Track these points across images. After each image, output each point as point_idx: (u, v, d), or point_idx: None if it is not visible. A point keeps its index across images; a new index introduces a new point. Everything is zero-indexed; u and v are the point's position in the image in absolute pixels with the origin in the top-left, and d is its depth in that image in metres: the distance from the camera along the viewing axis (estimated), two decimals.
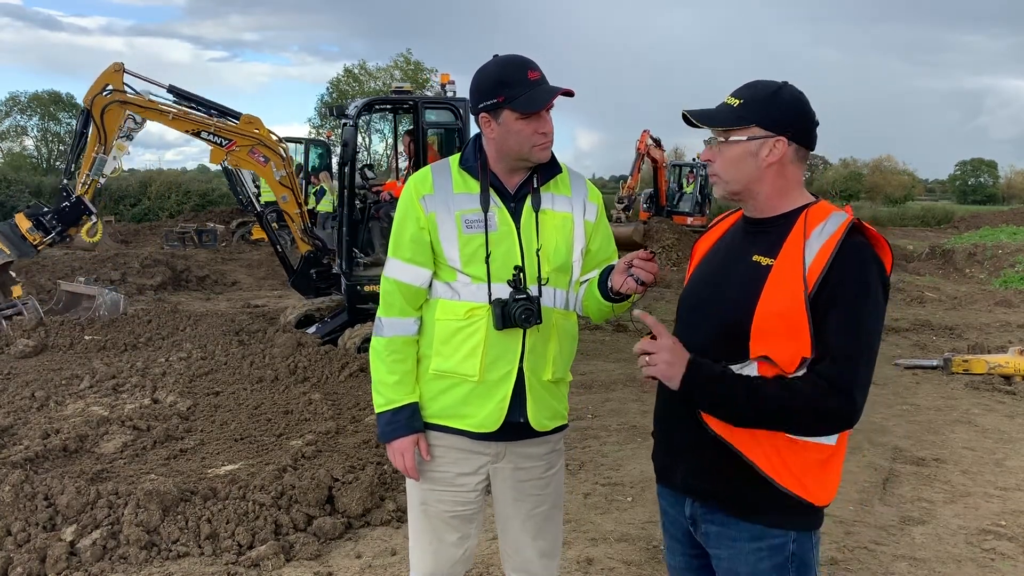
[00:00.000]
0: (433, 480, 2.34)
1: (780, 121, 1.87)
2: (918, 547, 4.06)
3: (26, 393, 6.37)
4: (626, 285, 2.14)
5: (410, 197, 2.28)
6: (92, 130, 7.79)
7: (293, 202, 8.74)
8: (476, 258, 2.23)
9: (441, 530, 2.36)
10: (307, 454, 4.93)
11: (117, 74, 7.87)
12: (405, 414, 2.29)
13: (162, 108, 8.06)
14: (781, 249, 1.84)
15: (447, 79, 8.63)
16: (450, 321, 2.25)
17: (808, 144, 1.91)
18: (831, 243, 1.78)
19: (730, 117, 1.89)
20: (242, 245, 18.17)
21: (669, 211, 22.30)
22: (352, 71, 40.71)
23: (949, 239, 20.37)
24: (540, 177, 2.31)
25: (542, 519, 2.41)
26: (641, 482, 4.85)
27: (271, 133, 8.53)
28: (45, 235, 7.78)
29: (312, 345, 7.34)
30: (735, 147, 1.89)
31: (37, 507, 3.96)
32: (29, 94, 41.73)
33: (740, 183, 1.91)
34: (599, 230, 2.40)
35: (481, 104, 2.22)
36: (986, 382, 7.35)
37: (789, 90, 1.91)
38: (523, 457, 2.35)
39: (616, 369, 7.86)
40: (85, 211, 7.87)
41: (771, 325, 1.80)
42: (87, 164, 7.84)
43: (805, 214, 1.87)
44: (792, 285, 1.79)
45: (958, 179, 63.88)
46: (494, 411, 2.24)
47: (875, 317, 1.79)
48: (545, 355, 2.28)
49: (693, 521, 2.00)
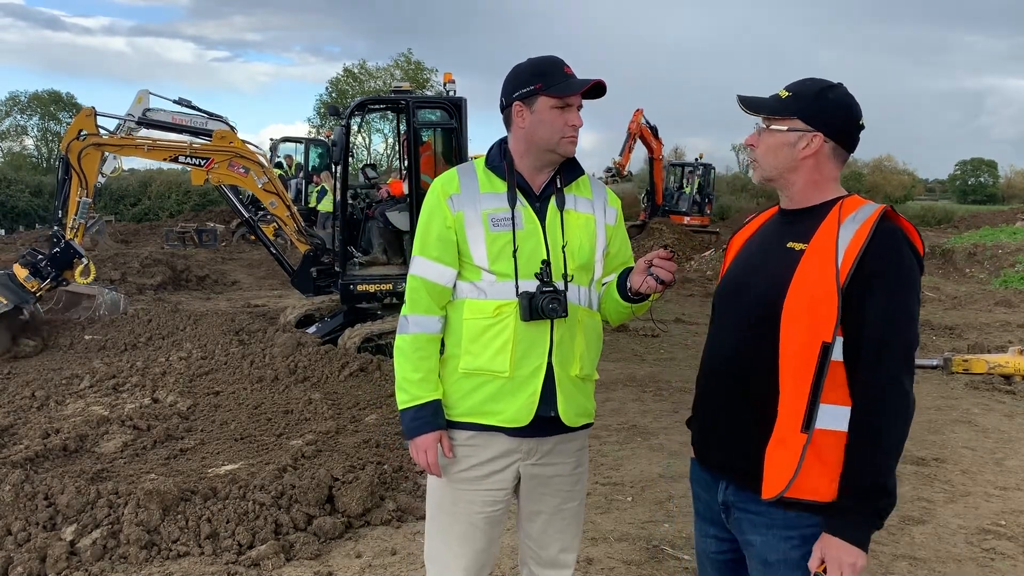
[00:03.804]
0: (464, 480, 2.35)
1: (821, 118, 1.94)
2: (918, 547, 4.06)
3: (26, 393, 6.37)
4: (646, 284, 2.18)
5: (437, 197, 2.32)
6: (73, 175, 8.01)
7: (282, 205, 8.81)
8: (503, 255, 2.27)
9: (471, 534, 2.37)
10: (307, 454, 4.93)
11: (89, 119, 8.08)
12: (429, 411, 2.30)
13: (137, 143, 8.24)
14: (814, 235, 1.90)
15: (449, 78, 8.64)
16: (478, 319, 2.27)
17: (847, 145, 1.98)
18: (865, 228, 1.84)
19: (775, 107, 1.98)
20: (242, 245, 18.17)
21: (667, 210, 22.28)
22: (352, 71, 40.75)
23: (949, 239, 20.36)
24: (563, 178, 2.37)
25: (570, 515, 2.44)
26: (641, 482, 4.85)
27: (246, 143, 8.63)
28: (43, 281, 8.05)
29: (312, 345, 7.34)
30: (776, 136, 1.98)
31: (37, 507, 3.96)
32: (29, 94, 41.78)
33: (776, 170, 2.00)
34: (618, 233, 2.46)
35: (516, 93, 2.29)
36: (986, 382, 7.35)
37: (839, 91, 1.98)
38: (553, 454, 2.37)
39: (616, 369, 7.86)
40: (75, 255, 8.12)
41: (801, 308, 1.85)
42: (72, 209, 8.08)
43: (840, 204, 1.94)
44: (824, 269, 1.84)
45: (958, 179, 63.88)
46: (525, 405, 2.26)
47: (914, 299, 1.85)
48: (572, 350, 2.31)
49: (726, 508, 2.04)
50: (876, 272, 1.82)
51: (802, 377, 1.84)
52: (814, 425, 1.83)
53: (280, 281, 13.18)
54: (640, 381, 7.42)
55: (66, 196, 8.06)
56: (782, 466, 1.85)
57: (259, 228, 9.22)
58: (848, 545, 1.81)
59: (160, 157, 8.46)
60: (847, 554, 1.81)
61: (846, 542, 1.81)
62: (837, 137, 1.96)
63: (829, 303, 1.81)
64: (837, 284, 1.81)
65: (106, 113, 8.23)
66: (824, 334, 1.81)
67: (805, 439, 1.82)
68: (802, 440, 1.82)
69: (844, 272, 1.82)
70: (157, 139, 8.34)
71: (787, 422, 1.86)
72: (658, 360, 8.51)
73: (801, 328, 1.84)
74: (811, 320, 1.83)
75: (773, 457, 1.87)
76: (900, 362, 1.83)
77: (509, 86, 2.32)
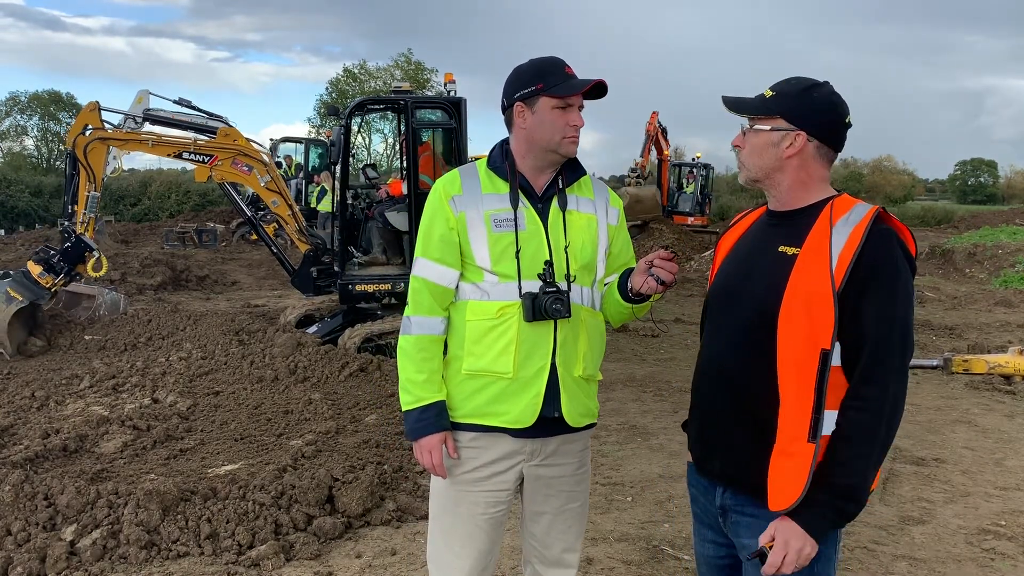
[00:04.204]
0: (467, 481, 2.35)
1: (804, 117, 1.92)
2: (918, 547, 4.06)
3: (26, 393, 6.37)
4: (647, 285, 2.18)
5: (439, 198, 2.32)
6: (81, 170, 8.07)
7: (284, 205, 8.83)
8: (506, 256, 2.27)
9: (474, 535, 2.37)
10: (307, 454, 4.93)
11: (93, 113, 8.10)
12: (433, 412, 2.30)
13: (142, 138, 8.27)
14: (806, 238, 1.88)
15: (450, 78, 8.64)
16: (482, 321, 2.27)
17: (831, 143, 1.96)
18: (859, 230, 1.82)
19: (758, 107, 1.97)
20: (242, 245, 18.18)
21: (669, 211, 22.33)
22: (352, 71, 40.72)
23: (949, 239, 20.35)
24: (565, 179, 2.37)
25: (573, 515, 2.45)
26: (641, 482, 4.85)
27: (250, 141, 8.65)
28: (56, 277, 8.12)
29: (312, 345, 7.34)
30: (760, 136, 1.97)
31: (37, 507, 3.96)
32: (29, 94, 41.77)
33: (761, 171, 1.98)
34: (620, 234, 2.46)
35: (518, 93, 2.29)
36: (986, 382, 7.35)
37: (823, 90, 1.96)
38: (556, 455, 2.37)
39: (616, 369, 7.86)
40: (86, 248, 8.17)
41: (798, 314, 1.83)
42: (82, 203, 8.14)
43: (830, 205, 1.91)
44: (819, 274, 1.82)
45: (958, 179, 63.92)
46: (529, 406, 2.27)
47: (908, 302, 1.84)
48: (576, 351, 2.31)
49: (723, 511, 2.03)
50: (871, 275, 1.80)
51: (803, 385, 1.82)
52: (820, 434, 1.81)
53: (280, 281, 13.18)
54: (640, 381, 7.42)
55: (75, 191, 8.11)
56: (790, 477, 1.83)
57: (261, 227, 9.24)
58: (801, 531, 1.81)
59: (164, 153, 8.48)
60: (796, 538, 1.80)
61: (801, 527, 1.81)
62: (821, 136, 1.93)
63: (826, 309, 1.79)
64: (833, 289, 1.79)
65: (111, 108, 8.26)
66: (823, 341, 1.79)
67: (813, 449, 1.80)
68: (810, 450, 1.80)
69: (839, 276, 1.79)
70: (162, 134, 8.37)
71: (790, 431, 1.83)
72: (658, 360, 8.51)
73: (799, 335, 1.82)
74: (809, 327, 1.81)
75: (779, 468, 1.85)
76: (894, 367, 1.81)
77: (510, 87, 2.32)
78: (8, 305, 7.73)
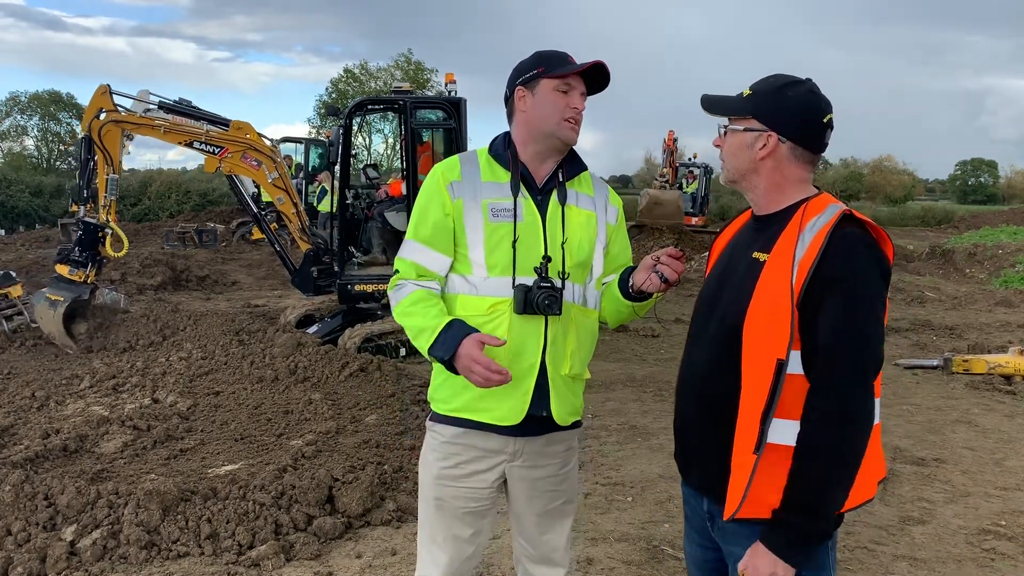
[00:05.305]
0: (447, 476, 2.34)
1: (775, 117, 1.86)
2: (918, 547, 4.06)
3: (26, 393, 6.37)
4: (649, 282, 2.15)
5: (437, 182, 2.28)
6: (98, 155, 8.06)
7: (289, 202, 8.84)
8: (501, 247, 2.22)
9: (455, 526, 2.37)
10: (307, 454, 4.93)
11: (105, 96, 8.09)
12: (453, 328, 2.15)
13: (155, 123, 8.27)
14: (775, 244, 1.82)
15: (451, 78, 8.65)
16: (472, 317, 2.22)
17: (807, 145, 1.87)
18: (820, 236, 1.74)
19: (733, 107, 1.91)
20: (242, 245, 18.17)
21: None
22: (352, 71, 40.73)
23: (949, 239, 20.36)
24: (566, 172, 2.33)
25: (559, 514, 2.44)
26: (641, 482, 4.85)
27: (262, 137, 8.65)
28: (85, 269, 8.13)
29: (312, 345, 7.34)
30: (736, 136, 1.92)
31: (37, 507, 3.96)
32: (29, 94, 41.80)
33: (737, 172, 1.94)
34: (619, 233, 2.43)
35: (519, 79, 2.27)
36: (986, 382, 7.35)
37: (800, 88, 1.87)
38: (539, 456, 2.36)
39: (616, 369, 7.85)
40: (98, 230, 8.16)
41: (761, 324, 1.77)
42: (102, 187, 8.13)
43: (803, 208, 1.84)
44: (781, 281, 1.76)
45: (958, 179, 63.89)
46: (517, 404, 2.24)
47: (869, 308, 1.74)
48: (564, 349, 2.28)
49: (711, 517, 2.01)
50: (830, 281, 1.71)
51: (760, 397, 1.75)
52: (763, 446, 1.74)
53: (280, 281, 13.17)
54: (640, 381, 7.42)
55: (90, 176, 8.11)
56: (732, 489, 1.81)
57: (265, 223, 9.24)
58: (771, 556, 1.75)
59: (176, 140, 8.46)
60: (766, 564, 1.75)
61: (771, 552, 1.75)
62: (795, 137, 1.85)
63: (784, 318, 1.72)
64: (791, 298, 1.72)
65: (121, 92, 8.23)
66: (778, 351, 1.73)
67: (755, 460, 1.75)
68: (751, 462, 1.76)
69: (799, 285, 1.71)
70: (175, 121, 8.36)
71: (740, 443, 1.80)
72: (658, 360, 8.50)
73: (760, 345, 1.76)
74: (768, 336, 1.75)
75: (733, 477, 1.82)
76: (850, 378, 1.72)
77: (513, 77, 2.31)
78: (55, 309, 7.81)
